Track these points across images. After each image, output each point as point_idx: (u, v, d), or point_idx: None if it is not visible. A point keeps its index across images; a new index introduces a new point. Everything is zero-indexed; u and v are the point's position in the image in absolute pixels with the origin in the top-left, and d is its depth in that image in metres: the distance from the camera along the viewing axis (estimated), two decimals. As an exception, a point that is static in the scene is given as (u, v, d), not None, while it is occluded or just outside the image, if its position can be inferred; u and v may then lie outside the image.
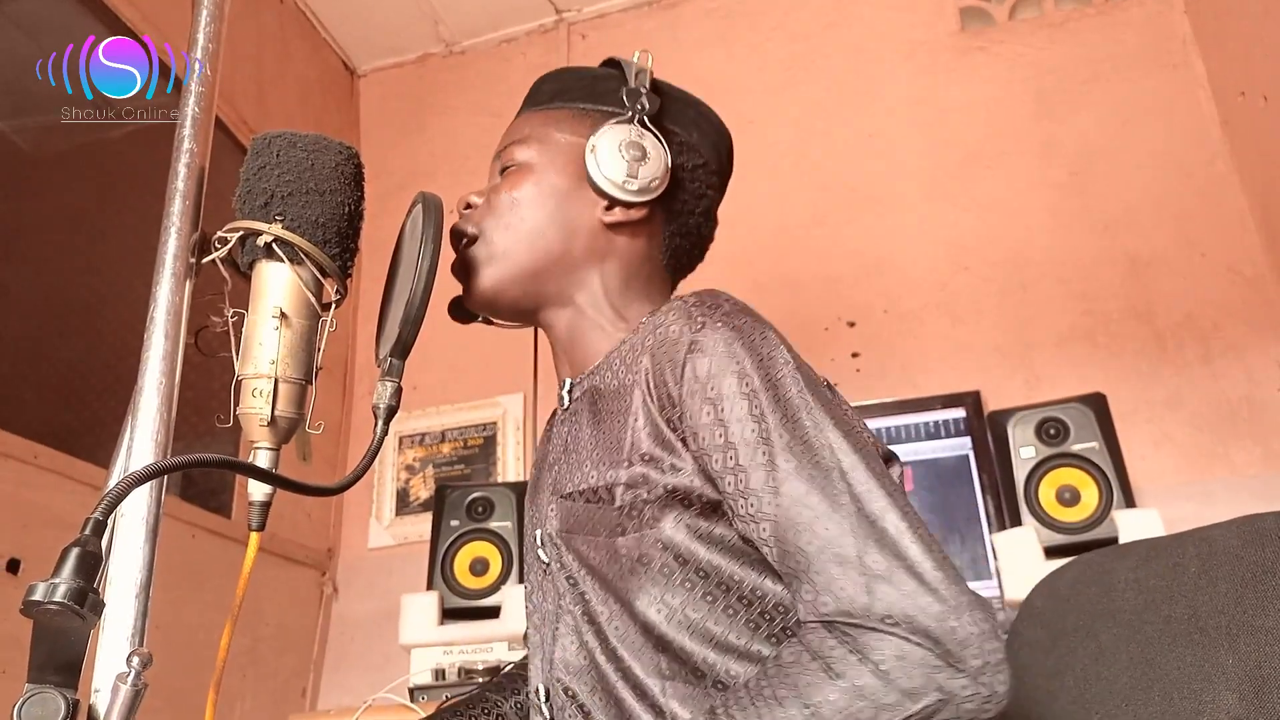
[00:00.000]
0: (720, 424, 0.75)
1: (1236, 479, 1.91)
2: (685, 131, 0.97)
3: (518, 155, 0.97)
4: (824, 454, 0.72)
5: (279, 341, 0.74)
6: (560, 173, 0.95)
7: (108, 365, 1.87)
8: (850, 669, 0.64)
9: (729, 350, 0.77)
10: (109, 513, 0.53)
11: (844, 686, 0.64)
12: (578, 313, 0.95)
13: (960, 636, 0.63)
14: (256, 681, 2.08)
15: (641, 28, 2.71)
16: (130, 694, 0.52)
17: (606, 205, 0.93)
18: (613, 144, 0.91)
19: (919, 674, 0.63)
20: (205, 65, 0.79)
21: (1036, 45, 2.36)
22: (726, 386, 0.75)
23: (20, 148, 1.81)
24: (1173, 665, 0.66)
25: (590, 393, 0.90)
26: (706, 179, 0.99)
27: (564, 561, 0.86)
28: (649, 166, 0.91)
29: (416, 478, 2.43)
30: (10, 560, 1.45)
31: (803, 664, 0.67)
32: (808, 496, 0.70)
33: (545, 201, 0.94)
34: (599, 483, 0.82)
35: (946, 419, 1.90)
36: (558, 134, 0.97)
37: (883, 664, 0.63)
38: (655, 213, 0.96)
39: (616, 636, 0.80)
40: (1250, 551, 0.64)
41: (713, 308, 0.81)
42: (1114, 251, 2.13)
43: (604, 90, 0.97)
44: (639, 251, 0.96)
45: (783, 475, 0.71)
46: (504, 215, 0.95)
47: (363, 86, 2.93)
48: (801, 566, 0.69)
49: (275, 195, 0.75)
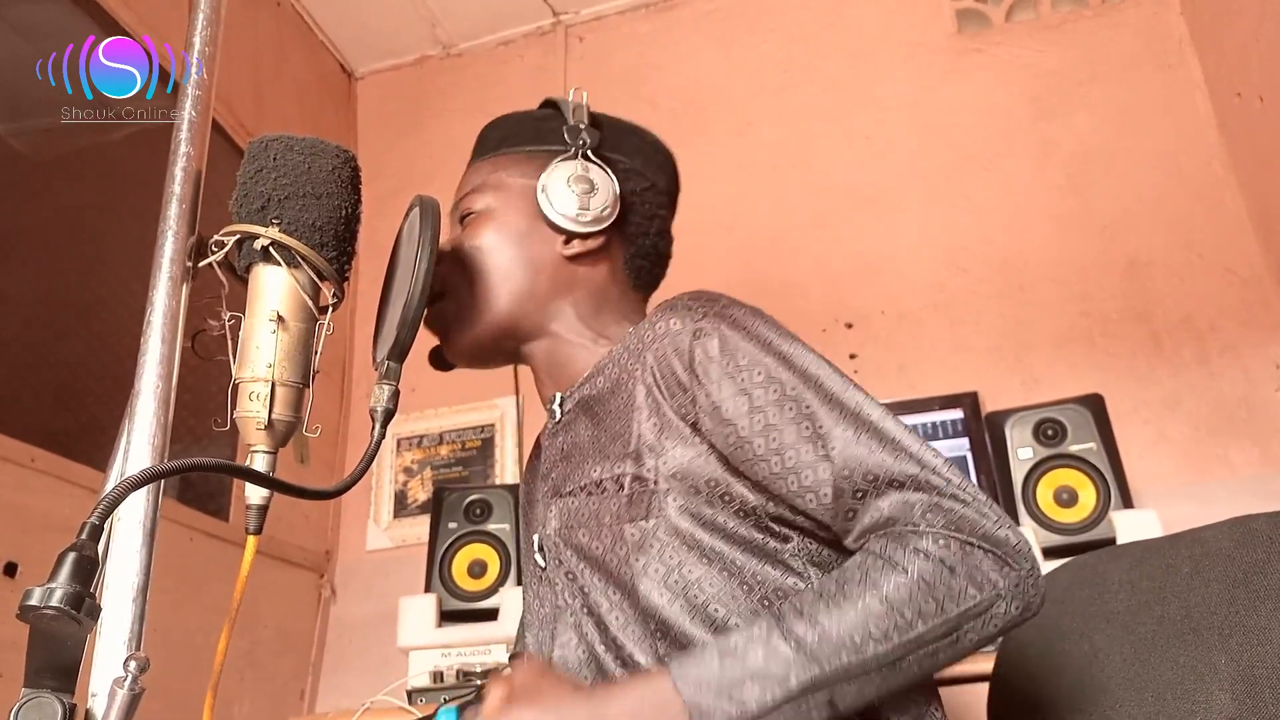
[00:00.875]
0: (743, 393, 0.79)
1: (1234, 479, 1.91)
2: (628, 158, 1.01)
3: (475, 204, 1.00)
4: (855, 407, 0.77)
5: (276, 345, 0.74)
6: (517, 215, 0.98)
7: (105, 369, 1.86)
8: (916, 563, 0.69)
9: (735, 333, 0.81)
10: (105, 517, 0.53)
11: (911, 578, 0.69)
12: (555, 340, 0.98)
13: (1013, 543, 0.70)
14: (255, 684, 2.08)
15: (638, 30, 2.71)
16: (127, 698, 0.53)
17: (565, 240, 0.97)
18: (561, 180, 0.95)
19: (979, 570, 0.69)
20: (202, 68, 0.79)
21: (1033, 47, 2.36)
22: (742, 360, 0.79)
23: (17, 151, 1.81)
24: (1166, 665, 0.67)
25: (583, 402, 0.92)
26: (655, 199, 1.03)
27: (562, 559, 0.88)
28: (598, 197, 0.95)
29: (414, 480, 2.43)
30: (7, 564, 1.45)
31: (869, 564, 0.71)
32: (858, 437, 0.75)
33: (506, 245, 0.97)
34: (604, 475, 0.85)
35: (944, 420, 1.90)
36: (508, 178, 1.00)
37: (947, 560, 0.69)
38: (612, 239, 0.99)
39: (617, 626, 0.82)
40: (1242, 552, 0.64)
41: (710, 300, 0.85)
42: (1111, 253, 2.14)
43: (547, 130, 1.00)
44: (603, 278, 0.99)
45: (828, 424, 0.76)
46: (469, 265, 0.97)
47: (360, 89, 2.93)
48: (860, 498, 0.74)
49: (272, 199, 0.75)
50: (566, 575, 0.87)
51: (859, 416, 0.76)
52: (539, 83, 2.72)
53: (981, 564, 0.69)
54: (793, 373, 0.79)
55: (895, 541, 0.71)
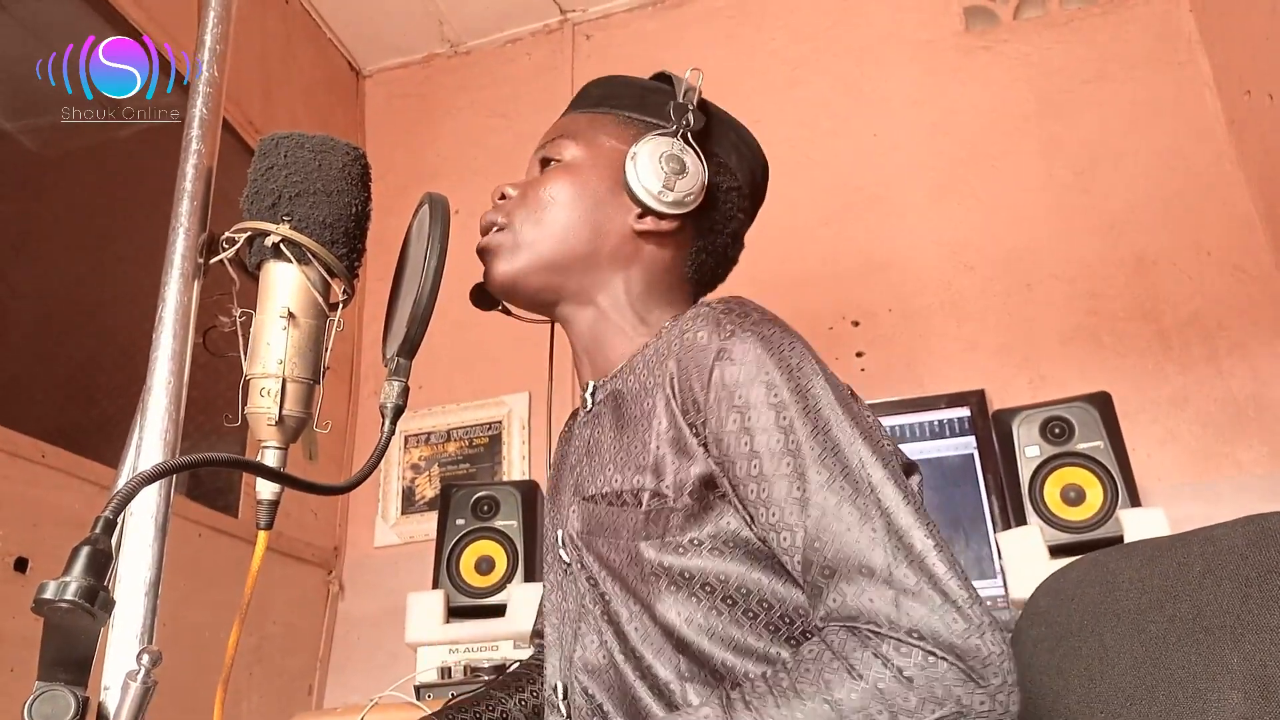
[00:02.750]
0: (746, 432, 0.76)
1: (1243, 478, 1.90)
2: (725, 153, 0.99)
3: (563, 151, 0.99)
4: (854, 466, 0.72)
5: (287, 341, 0.74)
6: (599, 176, 0.96)
7: (116, 365, 1.87)
8: (873, 671, 0.65)
9: (758, 360, 0.77)
10: (119, 511, 0.53)
11: (865, 687, 0.65)
12: (599, 314, 0.96)
13: (984, 655, 0.65)
14: (263, 680, 2.09)
15: (646, 28, 2.71)
16: (140, 691, 0.53)
17: (639, 213, 0.95)
18: (653, 154, 0.92)
19: (940, 685, 0.64)
20: (213, 66, 0.79)
21: (1041, 45, 2.35)
22: (754, 395, 0.76)
23: (27, 148, 1.81)
24: (1177, 665, 0.66)
25: (613, 396, 0.91)
26: (739, 202, 1.01)
27: (585, 562, 0.87)
28: (686, 181, 0.92)
29: (422, 477, 2.43)
30: (18, 559, 1.46)
31: (824, 661, 0.68)
32: (839, 509, 0.71)
33: (580, 202, 0.96)
34: (623, 486, 0.83)
35: (951, 418, 1.90)
36: (602, 137, 0.99)
37: (905, 670, 0.64)
38: (685, 227, 0.97)
39: (637, 636, 0.81)
40: (1255, 551, 0.64)
41: (742, 316, 0.81)
42: (1119, 250, 2.13)
43: (652, 102, 0.99)
44: (664, 262, 0.98)
45: (813, 488, 0.72)
46: (536, 211, 0.96)
47: (368, 87, 2.93)
48: (827, 577, 0.70)
49: (283, 196, 0.75)
50: (588, 580, 0.86)
51: (853, 478, 0.72)
52: (547, 81, 2.72)
53: (945, 678, 0.64)
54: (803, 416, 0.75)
55: (855, 640, 0.67)
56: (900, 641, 0.65)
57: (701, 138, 0.96)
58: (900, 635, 0.66)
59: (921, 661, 0.65)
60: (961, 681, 0.64)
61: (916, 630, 0.65)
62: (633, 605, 0.82)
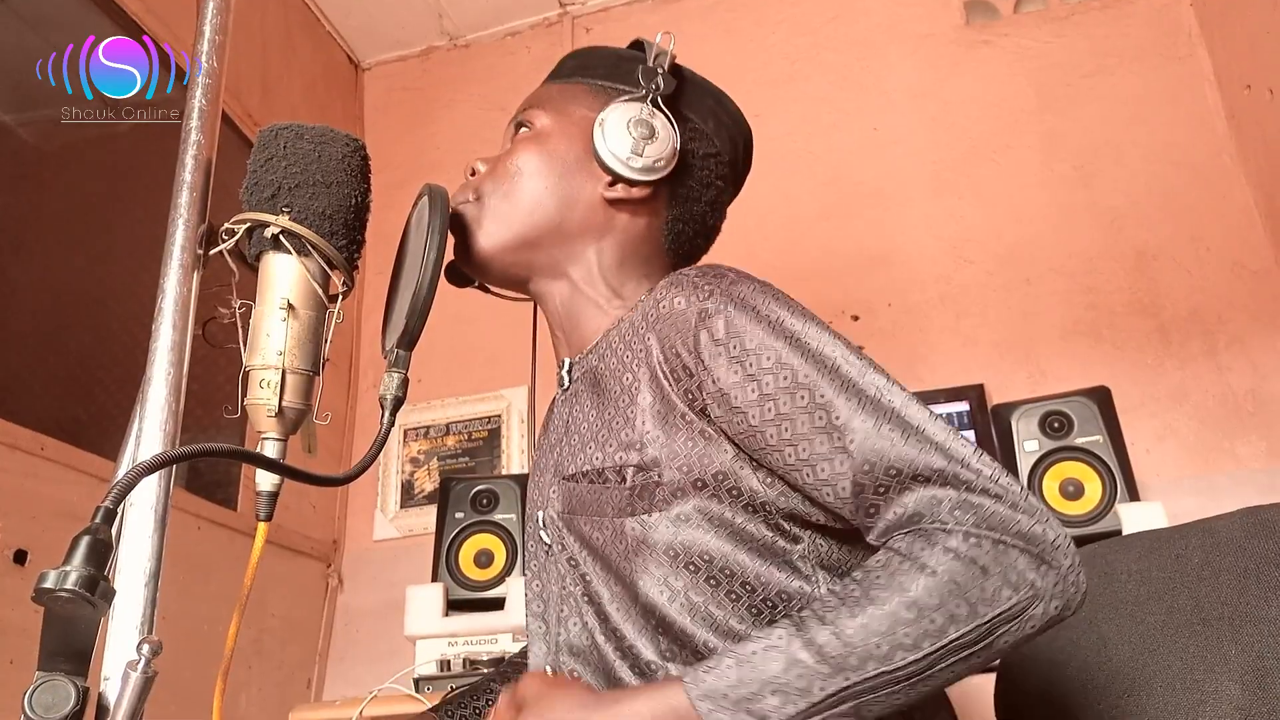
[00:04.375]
0: (751, 379, 0.75)
1: (1241, 472, 1.90)
2: (701, 119, 0.97)
3: (533, 119, 0.98)
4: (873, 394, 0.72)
5: (286, 333, 0.74)
6: (569, 144, 0.95)
7: (114, 358, 1.87)
8: (946, 564, 0.65)
9: (741, 311, 0.77)
10: (119, 501, 0.53)
11: (942, 580, 0.64)
12: (572, 288, 0.94)
13: (1051, 539, 0.66)
14: (262, 673, 2.09)
15: (645, 21, 2.71)
16: (140, 681, 0.53)
17: (609, 181, 0.93)
18: (621, 120, 0.90)
19: (1014, 570, 0.65)
20: (213, 57, 0.79)
21: (1041, 39, 2.35)
22: (750, 344, 0.75)
23: (26, 141, 1.81)
24: (1176, 656, 0.66)
25: (590, 373, 0.90)
26: (717, 169, 0.98)
27: (565, 543, 0.86)
28: (655, 146, 0.90)
29: (421, 470, 2.43)
30: (17, 551, 1.46)
31: (894, 565, 0.67)
32: (879, 429, 0.70)
33: (549, 172, 0.94)
34: (605, 464, 0.82)
35: (950, 412, 1.90)
36: (571, 106, 0.97)
37: (979, 559, 0.65)
38: (659, 194, 0.95)
39: (619, 616, 0.80)
40: (1253, 543, 0.64)
41: (718, 277, 0.81)
42: (1119, 245, 2.13)
43: (624, 69, 0.96)
44: (638, 231, 0.95)
45: (845, 415, 0.71)
46: (504, 182, 0.95)
47: (367, 80, 2.93)
48: (883, 492, 0.70)
49: (282, 187, 0.75)
50: (569, 561, 0.85)
51: (879, 404, 0.71)
52: (545, 74, 2.71)
53: (1017, 563, 0.65)
54: (805, 356, 0.74)
55: (923, 540, 0.67)
56: (969, 533, 0.66)
57: (675, 103, 0.93)
58: (968, 527, 0.66)
59: (993, 549, 0.65)
60: (1035, 566, 0.65)
61: (985, 521, 0.66)
62: (614, 585, 0.81)
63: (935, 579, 0.64)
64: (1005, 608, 0.64)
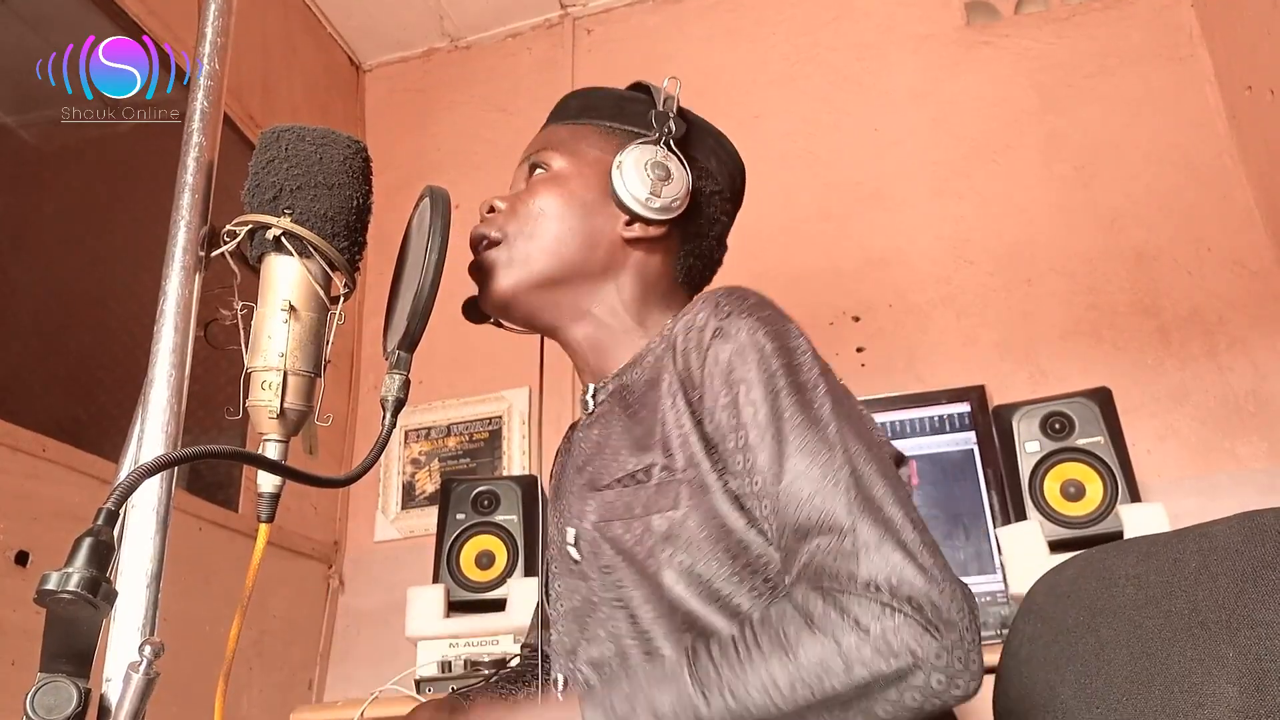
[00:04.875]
0: (734, 406, 0.78)
1: (1242, 473, 1.91)
2: (705, 158, 1.01)
3: (549, 161, 1.00)
4: (830, 434, 0.75)
5: (288, 334, 0.74)
6: (586, 185, 0.98)
7: (115, 359, 1.87)
8: (832, 624, 0.67)
9: (751, 338, 0.80)
10: (121, 502, 0.53)
11: (824, 641, 0.67)
12: (596, 323, 0.98)
13: (942, 608, 0.66)
14: (263, 674, 2.09)
15: (646, 22, 2.71)
16: (142, 683, 0.53)
17: (627, 221, 0.97)
18: (639, 162, 0.94)
19: (895, 636, 0.65)
20: (214, 59, 0.79)
21: (1042, 39, 2.35)
22: (746, 372, 0.79)
23: (27, 142, 1.81)
24: (1173, 659, 0.67)
25: (619, 391, 0.93)
26: (721, 205, 1.03)
27: (599, 551, 0.88)
28: (672, 187, 0.94)
29: (422, 471, 2.44)
30: (19, 553, 1.46)
31: (786, 618, 0.70)
32: (809, 470, 0.73)
33: (569, 213, 0.97)
34: (636, 466, 0.85)
35: (951, 413, 1.90)
36: (584, 147, 1.00)
37: (863, 622, 0.66)
38: (672, 233, 0.99)
39: (649, 618, 0.82)
40: (1250, 547, 0.64)
41: (740, 299, 0.84)
42: (1119, 246, 2.13)
43: (631, 111, 1.00)
44: (654, 267, 0.99)
45: (789, 451, 0.74)
46: (528, 223, 0.97)
47: (368, 81, 2.93)
48: (798, 539, 0.72)
49: (284, 189, 0.75)
50: (603, 569, 0.87)
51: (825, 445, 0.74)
52: (547, 75, 2.72)
53: (900, 629, 0.65)
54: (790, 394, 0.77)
55: (816, 595, 0.69)
56: (858, 595, 0.67)
57: (682, 144, 0.98)
58: (858, 589, 0.67)
59: (879, 613, 0.66)
60: (917, 635, 0.65)
61: (874, 583, 0.67)
62: (644, 586, 0.83)
63: (817, 638, 0.67)
64: (880, 672, 0.65)
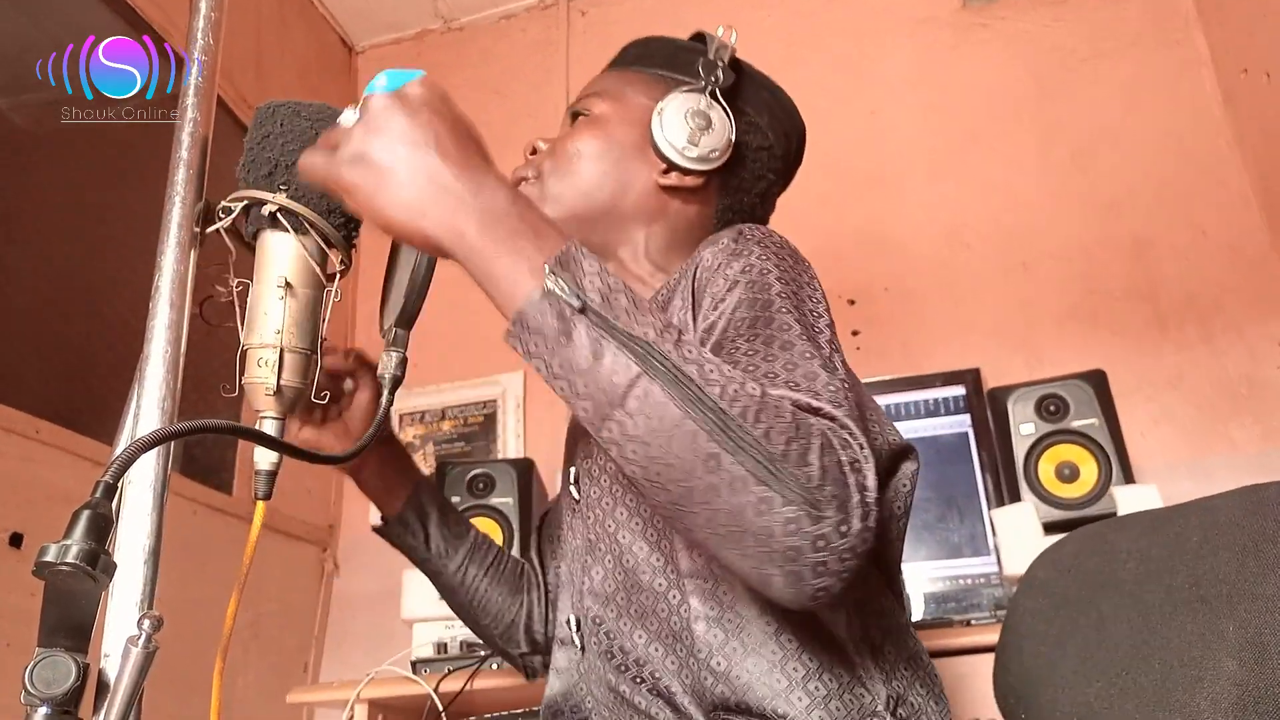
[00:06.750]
0: (715, 309, 0.76)
1: (1236, 456, 1.91)
2: (756, 112, 1.01)
3: (593, 106, 1.01)
4: (823, 342, 0.73)
5: (284, 311, 0.74)
6: (627, 131, 0.98)
7: (110, 342, 1.86)
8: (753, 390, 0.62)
9: (760, 256, 0.79)
10: (119, 475, 0.53)
11: (761, 400, 0.61)
12: (619, 267, 0.98)
13: (839, 417, 0.63)
14: (259, 656, 2.09)
15: (642, 4, 2.69)
16: (142, 656, 0.53)
17: (664, 169, 0.96)
18: (679, 110, 0.94)
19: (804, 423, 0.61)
20: (209, 34, 0.78)
21: (1039, 23, 2.35)
22: (737, 272, 0.77)
23: (21, 126, 1.80)
24: (1174, 633, 0.67)
25: None
26: (770, 162, 1.02)
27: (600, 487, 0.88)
28: (711, 137, 0.94)
29: (417, 455, 2.43)
30: (13, 534, 1.46)
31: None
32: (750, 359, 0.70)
33: (606, 157, 0.98)
34: None
35: (946, 396, 1.91)
36: (631, 94, 1.00)
37: (801, 427, 0.61)
38: (711, 184, 0.98)
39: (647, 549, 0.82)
40: (1252, 520, 0.64)
41: (767, 233, 0.83)
42: (1116, 230, 2.13)
43: (684, 60, 1.00)
44: (689, 218, 0.99)
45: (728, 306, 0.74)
46: (564, 164, 0.98)
47: (361, 63, 2.91)
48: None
49: (279, 164, 0.75)
50: (604, 504, 0.88)
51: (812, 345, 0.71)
52: (541, 57, 2.71)
53: (810, 420, 0.61)
54: (769, 302, 0.74)
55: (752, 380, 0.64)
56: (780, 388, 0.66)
57: (732, 96, 0.97)
58: (779, 386, 0.66)
59: (793, 402, 0.63)
60: (823, 430, 0.61)
61: (795, 384, 0.66)
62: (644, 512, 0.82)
63: (756, 403, 0.60)
64: (762, 452, 0.58)
